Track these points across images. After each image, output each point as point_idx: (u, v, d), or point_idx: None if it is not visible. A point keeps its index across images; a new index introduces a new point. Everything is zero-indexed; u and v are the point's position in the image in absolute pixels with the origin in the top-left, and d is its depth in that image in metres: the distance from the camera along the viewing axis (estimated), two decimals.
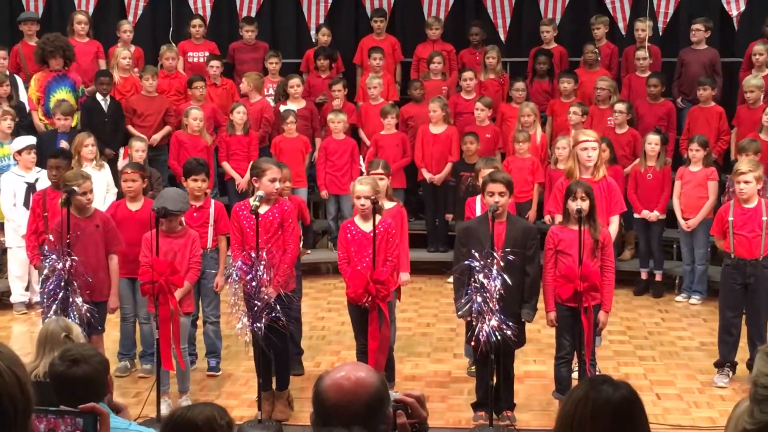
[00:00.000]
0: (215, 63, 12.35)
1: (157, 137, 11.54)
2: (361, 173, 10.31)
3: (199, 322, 8.56)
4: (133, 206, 8.34)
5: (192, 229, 7.91)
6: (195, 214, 8.30)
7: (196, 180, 8.35)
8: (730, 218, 8.12)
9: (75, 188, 7.55)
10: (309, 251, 8.84)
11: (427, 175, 11.57)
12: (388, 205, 8.16)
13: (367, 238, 7.38)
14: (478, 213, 7.93)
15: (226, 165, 11.47)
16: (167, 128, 11.71)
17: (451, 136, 11.48)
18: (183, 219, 7.83)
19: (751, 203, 8.14)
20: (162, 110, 11.78)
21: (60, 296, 7.28)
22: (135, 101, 11.77)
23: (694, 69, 12.08)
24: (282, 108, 11.81)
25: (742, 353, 8.17)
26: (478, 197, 8.11)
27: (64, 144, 10.54)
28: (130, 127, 11.53)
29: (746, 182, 8.07)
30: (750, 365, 8.02)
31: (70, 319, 6.34)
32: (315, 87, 12.65)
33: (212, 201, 8.52)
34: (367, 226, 7.43)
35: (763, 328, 8.12)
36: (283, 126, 11.45)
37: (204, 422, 3.71)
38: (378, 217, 7.46)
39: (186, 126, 11.11)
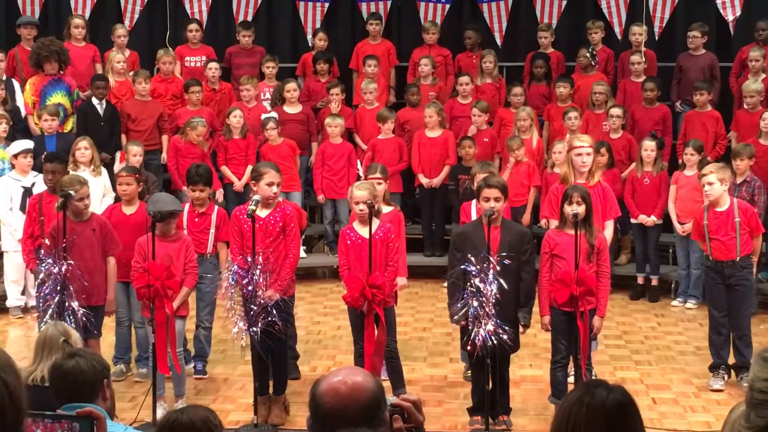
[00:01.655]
0: (213, 65, 12.35)
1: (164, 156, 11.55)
2: (359, 178, 10.31)
3: (190, 326, 8.54)
4: (128, 210, 8.34)
5: (186, 234, 7.92)
6: (197, 220, 8.31)
7: (194, 190, 8.37)
8: (705, 222, 8.17)
9: (71, 192, 7.54)
10: (303, 255, 8.84)
11: (424, 180, 11.57)
12: (385, 209, 8.16)
13: (365, 242, 7.38)
14: (474, 217, 7.94)
15: (225, 169, 11.46)
16: (166, 138, 11.70)
17: (447, 140, 11.50)
18: (176, 223, 7.83)
19: (722, 206, 8.18)
20: (156, 114, 11.76)
21: (56, 300, 7.28)
22: (129, 106, 11.76)
23: (693, 74, 12.11)
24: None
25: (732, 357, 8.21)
26: (473, 202, 8.13)
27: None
28: (123, 137, 11.51)
29: (709, 183, 8.12)
30: (736, 368, 8.05)
31: (67, 324, 6.35)
32: (315, 91, 12.64)
33: (216, 207, 8.52)
34: (366, 231, 7.41)
35: (746, 328, 8.16)
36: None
37: (202, 423, 3.74)
38: (377, 222, 7.48)
39: (187, 134, 11.08)
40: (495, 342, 6.89)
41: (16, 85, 11.82)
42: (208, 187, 8.44)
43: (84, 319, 7.31)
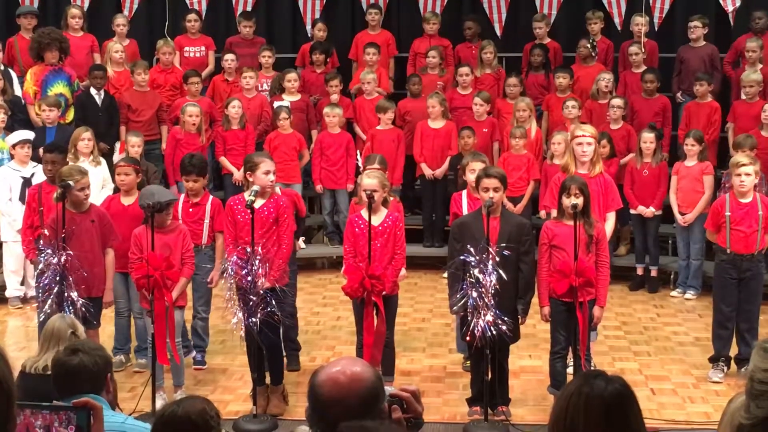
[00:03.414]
0: (230, 57, 12.36)
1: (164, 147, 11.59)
2: (357, 168, 10.29)
3: (188, 316, 8.54)
4: (127, 200, 8.32)
5: (182, 224, 7.91)
6: (191, 210, 8.30)
7: (187, 180, 8.37)
8: (728, 213, 8.11)
9: (70, 183, 7.53)
10: (303, 246, 8.85)
11: (427, 171, 11.55)
12: None
13: (374, 231, 7.38)
14: (464, 207, 7.95)
15: (223, 160, 11.46)
16: (165, 128, 11.71)
17: (450, 131, 11.48)
18: (172, 213, 7.82)
19: (748, 198, 8.15)
20: (155, 105, 11.75)
21: (55, 291, 7.28)
22: (128, 97, 11.75)
23: (694, 65, 12.10)
24: (276, 103, 11.79)
25: (734, 348, 8.19)
26: (464, 192, 8.12)
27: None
28: (123, 129, 11.50)
29: (747, 174, 8.07)
30: (739, 360, 8.04)
31: (67, 315, 6.35)
32: (310, 82, 12.61)
33: (210, 197, 8.51)
34: (374, 220, 7.41)
35: (755, 322, 8.15)
36: (276, 122, 11.43)
37: (198, 415, 3.74)
38: (384, 211, 7.50)
39: (183, 123, 11.08)
40: (494, 333, 6.89)
41: (14, 74, 11.80)
42: (201, 178, 8.41)
43: (83, 309, 7.30)
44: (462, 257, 6.98)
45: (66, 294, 7.29)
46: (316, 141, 11.71)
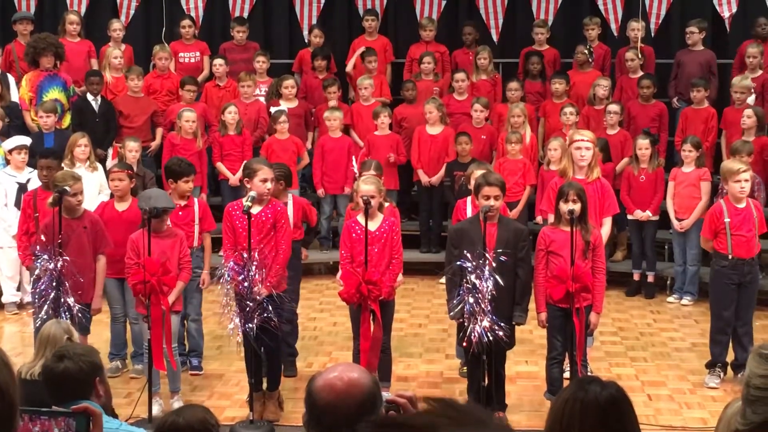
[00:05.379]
0: (219, 61, 12.37)
1: (153, 147, 11.56)
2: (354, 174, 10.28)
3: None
4: (121, 206, 8.31)
5: (179, 229, 7.91)
6: (180, 213, 8.30)
7: (187, 182, 8.36)
8: (727, 219, 8.11)
9: (66, 188, 7.52)
10: (308, 254, 8.86)
11: (423, 178, 11.56)
12: None
13: (371, 236, 7.38)
14: (469, 215, 7.94)
15: (220, 165, 11.46)
16: (160, 130, 11.70)
17: (448, 136, 11.47)
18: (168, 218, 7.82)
19: (743, 203, 8.18)
20: (149, 111, 11.75)
21: (51, 296, 7.27)
22: (121, 102, 11.74)
23: (691, 69, 12.11)
24: (273, 109, 11.78)
25: (730, 354, 8.19)
26: (468, 199, 8.13)
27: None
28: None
29: (746, 180, 8.11)
30: (735, 366, 8.04)
31: (62, 320, 6.36)
32: (312, 87, 12.61)
33: (195, 199, 8.55)
34: (371, 225, 7.41)
35: (751, 325, 8.16)
36: (275, 126, 11.43)
37: (199, 424, 3.73)
38: (380, 216, 7.50)
39: (180, 128, 11.07)
40: (491, 338, 6.89)
41: (12, 80, 11.79)
42: (191, 178, 8.45)
43: (79, 315, 7.30)
44: (459, 263, 6.98)
45: (62, 300, 7.28)
46: (318, 145, 11.70)
